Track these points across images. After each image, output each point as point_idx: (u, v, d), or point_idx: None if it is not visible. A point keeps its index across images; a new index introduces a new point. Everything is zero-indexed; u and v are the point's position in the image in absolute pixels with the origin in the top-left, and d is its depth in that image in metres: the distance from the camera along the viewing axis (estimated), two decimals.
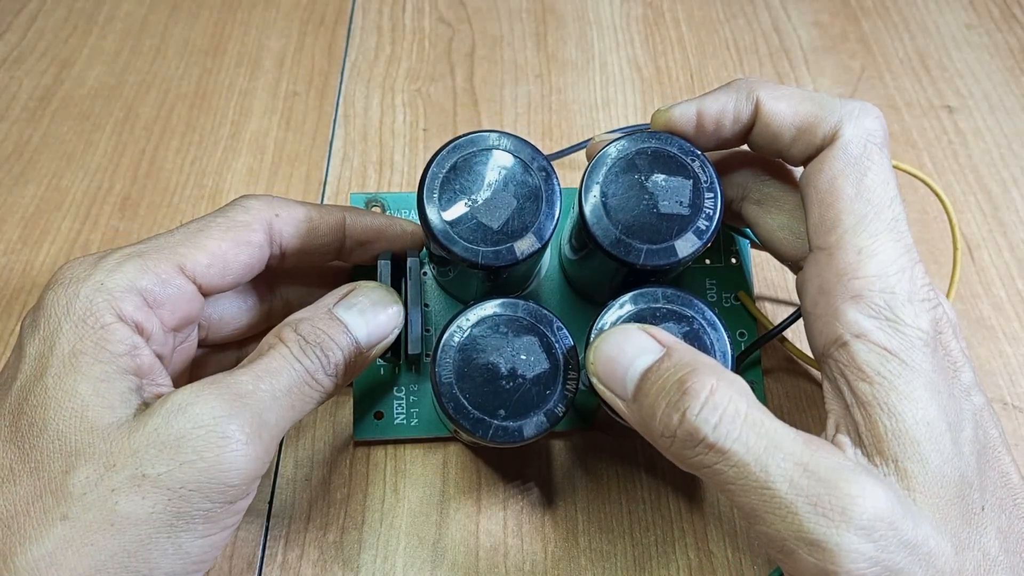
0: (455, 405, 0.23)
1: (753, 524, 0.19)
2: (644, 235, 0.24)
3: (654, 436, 0.20)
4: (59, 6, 0.44)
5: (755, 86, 0.24)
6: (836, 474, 0.18)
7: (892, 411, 0.20)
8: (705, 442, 0.19)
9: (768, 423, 0.19)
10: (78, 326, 0.21)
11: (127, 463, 0.19)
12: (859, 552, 0.18)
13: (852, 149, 0.22)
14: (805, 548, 0.18)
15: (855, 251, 0.21)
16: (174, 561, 0.20)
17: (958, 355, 0.22)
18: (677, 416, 0.19)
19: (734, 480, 0.19)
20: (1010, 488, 0.21)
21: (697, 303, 0.24)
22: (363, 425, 0.29)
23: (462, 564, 0.28)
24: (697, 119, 0.24)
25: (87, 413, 0.20)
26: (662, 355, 0.21)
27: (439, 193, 0.24)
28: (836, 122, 0.22)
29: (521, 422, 0.23)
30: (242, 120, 0.40)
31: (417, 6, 0.45)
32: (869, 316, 0.20)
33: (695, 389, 0.19)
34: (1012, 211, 0.38)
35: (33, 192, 0.37)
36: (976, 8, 0.46)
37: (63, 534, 0.19)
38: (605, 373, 0.22)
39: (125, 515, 0.19)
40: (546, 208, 0.24)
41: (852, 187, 0.22)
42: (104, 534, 0.19)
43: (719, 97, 0.24)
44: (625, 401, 0.21)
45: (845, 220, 0.21)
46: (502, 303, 0.25)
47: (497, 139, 0.25)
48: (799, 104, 0.23)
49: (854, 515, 0.18)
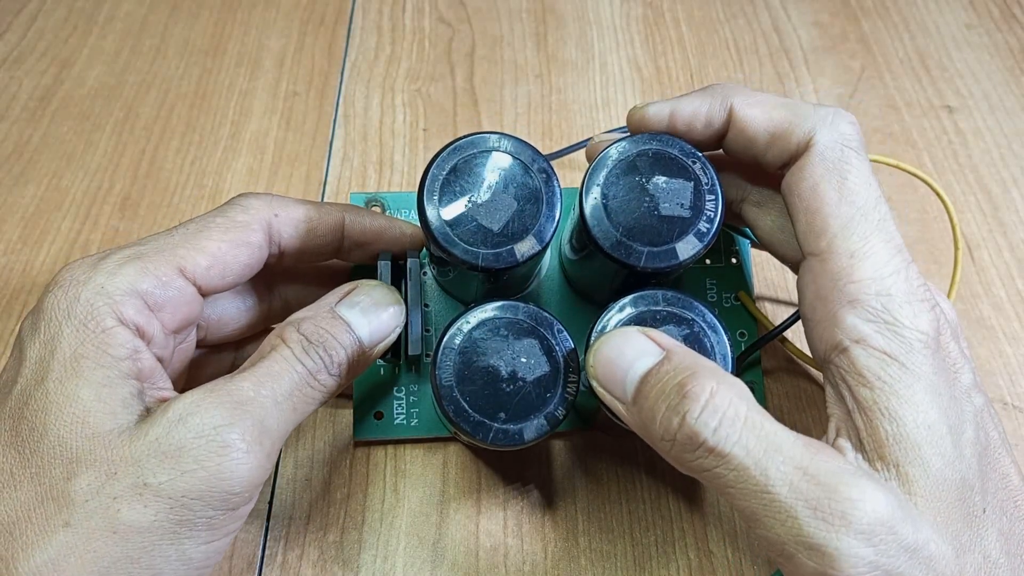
0: (455, 408, 0.23)
1: (753, 528, 0.19)
2: (645, 237, 0.24)
3: (654, 439, 0.20)
4: (59, 6, 0.44)
5: (730, 92, 0.24)
6: (836, 478, 0.18)
7: (893, 416, 0.19)
8: (705, 446, 0.19)
9: (768, 426, 0.19)
10: (79, 329, 0.21)
11: (129, 471, 0.19)
12: (859, 556, 0.17)
13: (829, 154, 0.22)
14: (805, 552, 0.18)
15: (847, 255, 0.21)
16: (177, 567, 0.20)
17: (957, 356, 0.22)
18: (677, 419, 0.19)
19: (734, 484, 0.19)
20: (1011, 490, 0.21)
21: (697, 305, 0.24)
22: (363, 425, 0.29)
23: (462, 564, 0.28)
24: (670, 120, 0.24)
25: (89, 419, 0.20)
26: (662, 358, 0.21)
27: (439, 195, 0.24)
28: (810, 128, 0.22)
29: (521, 425, 0.23)
30: (242, 120, 0.40)
31: (417, 6, 0.45)
32: (867, 320, 0.20)
33: (695, 392, 0.19)
34: (1012, 211, 0.38)
35: (33, 192, 0.37)
36: (976, 8, 0.46)
37: (66, 541, 0.19)
38: (605, 376, 0.22)
39: (128, 523, 0.19)
40: (546, 210, 0.24)
41: (835, 191, 0.21)
42: (107, 541, 0.19)
43: (693, 100, 0.24)
44: (625, 404, 0.21)
45: (832, 225, 0.21)
46: (502, 305, 0.25)
47: (497, 141, 0.25)
48: (772, 110, 0.23)
49: (854, 519, 0.18)
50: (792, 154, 0.23)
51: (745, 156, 0.24)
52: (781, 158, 0.23)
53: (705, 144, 0.25)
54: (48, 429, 0.20)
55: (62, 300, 0.21)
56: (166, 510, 0.19)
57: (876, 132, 0.41)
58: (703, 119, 0.24)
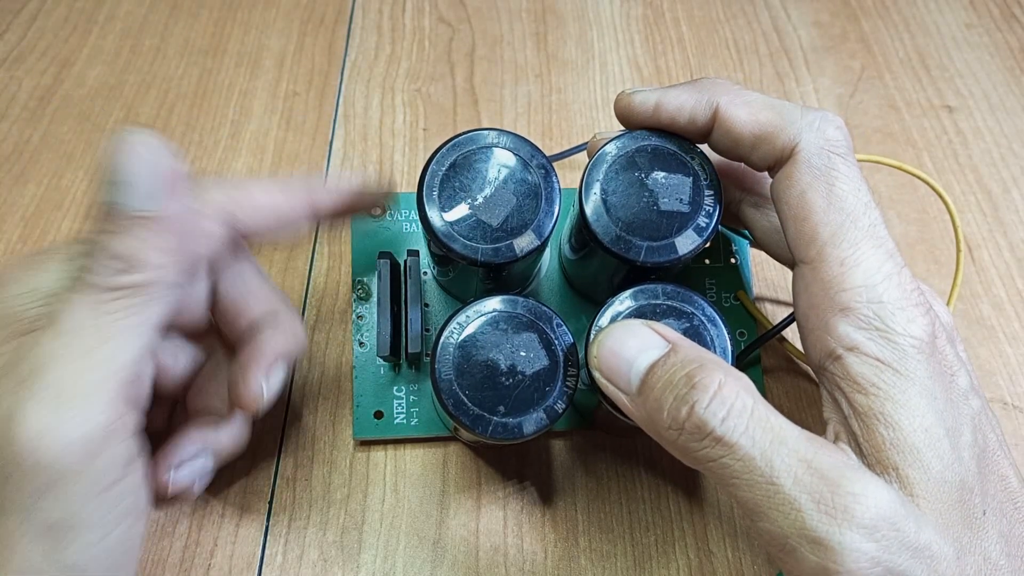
0: (454, 401, 0.23)
1: (755, 521, 0.19)
2: (644, 232, 0.24)
3: (659, 429, 0.20)
4: (59, 6, 0.44)
5: (718, 90, 0.23)
6: (839, 473, 0.18)
7: (889, 421, 0.19)
8: (712, 435, 0.19)
9: (774, 419, 0.19)
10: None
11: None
12: (861, 551, 0.17)
13: (815, 161, 0.22)
14: (807, 546, 0.18)
15: (837, 263, 0.21)
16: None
17: (953, 360, 0.22)
18: (686, 409, 0.19)
19: (739, 474, 0.19)
20: (1010, 492, 0.21)
21: (697, 299, 0.24)
22: (363, 424, 0.29)
23: (462, 564, 0.28)
24: (654, 111, 0.24)
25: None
26: (667, 350, 0.21)
27: (439, 191, 0.24)
28: (795, 132, 0.22)
29: (520, 419, 0.23)
30: (242, 120, 0.40)
31: (417, 6, 0.45)
32: (859, 328, 0.20)
33: (704, 383, 0.19)
34: (1012, 211, 0.38)
35: (33, 192, 0.37)
36: (976, 8, 0.46)
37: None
38: (608, 367, 0.22)
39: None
40: (545, 206, 0.24)
41: (823, 199, 0.21)
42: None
43: (680, 94, 0.24)
44: (629, 395, 0.21)
45: (822, 232, 0.21)
46: (502, 300, 0.25)
47: (496, 137, 0.25)
48: (759, 112, 0.23)
49: (856, 513, 0.18)
50: (777, 158, 0.23)
51: (732, 156, 0.24)
52: (767, 161, 0.23)
53: (691, 139, 0.25)
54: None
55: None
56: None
57: (876, 132, 0.41)
58: (687, 115, 0.24)
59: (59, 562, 0.19)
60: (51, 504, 0.18)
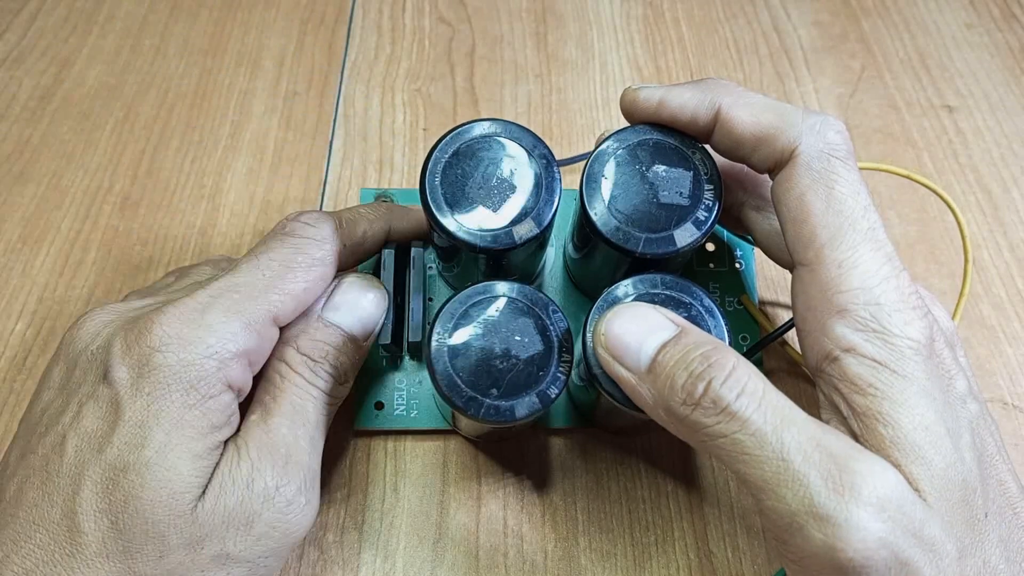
0: (448, 382, 0.23)
1: (763, 500, 0.19)
2: (644, 224, 0.24)
3: (670, 405, 0.20)
4: (59, 6, 0.44)
5: (720, 91, 0.24)
6: (846, 452, 0.18)
7: (888, 420, 0.19)
8: (727, 410, 0.19)
9: (782, 401, 0.19)
10: (187, 394, 0.21)
11: (212, 544, 0.21)
12: (868, 530, 0.17)
13: (815, 164, 0.22)
14: (814, 523, 0.18)
15: (835, 265, 0.21)
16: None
17: (951, 363, 0.22)
18: (703, 385, 0.19)
19: (750, 450, 0.19)
20: (1009, 498, 0.21)
21: (695, 290, 0.24)
22: (363, 415, 0.29)
23: (462, 564, 0.28)
24: (657, 108, 0.25)
25: (181, 494, 0.21)
26: (678, 332, 0.21)
27: (441, 178, 0.24)
28: (796, 135, 0.22)
29: (513, 402, 0.23)
30: (242, 120, 0.40)
31: (417, 6, 0.45)
32: (856, 330, 0.20)
33: (721, 363, 0.20)
34: (1012, 211, 0.38)
35: (33, 191, 0.37)
36: (976, 8, 0.46)
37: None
38: (616, 346, 0.22)
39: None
40: (545, 194, 0.25)
41: (822, 201, 0.21)
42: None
43: (683, 93, 0.24)
44: (637, 374, 0.21)
45: (820, 235, 0.21)
46: (499, 284, 0.25)
47: (499, 127, 0.25)
48: (760, 114, 0.23)
49: (864, 492, 0.18)
50: (777, 160, 0.23)
51: (733, 157, 0.24)
52: (767, 163, 0.23)
53: (693, 137, 0.25)
54: (142, 503, 0.20)
55: (173, 362, 0.21)
56: (245, 571, 0.22)
57: (876, 132, 0.41)
58: (689, 113, 0.24)
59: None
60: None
